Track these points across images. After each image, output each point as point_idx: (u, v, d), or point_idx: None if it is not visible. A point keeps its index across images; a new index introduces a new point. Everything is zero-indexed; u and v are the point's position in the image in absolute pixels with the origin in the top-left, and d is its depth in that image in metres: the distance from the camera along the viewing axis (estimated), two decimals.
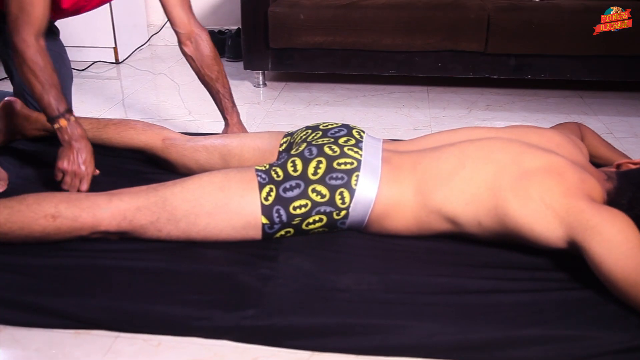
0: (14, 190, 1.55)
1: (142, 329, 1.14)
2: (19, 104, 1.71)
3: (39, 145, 1.86)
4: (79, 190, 1.46)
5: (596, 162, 1.56)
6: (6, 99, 1.71)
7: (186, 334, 1.13)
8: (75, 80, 2.78)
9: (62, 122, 1.47)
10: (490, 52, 2.52)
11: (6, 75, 1.96)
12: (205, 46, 1.75)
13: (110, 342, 1.12)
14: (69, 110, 1.49)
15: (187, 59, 1.78)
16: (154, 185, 1.31)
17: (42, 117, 1.70)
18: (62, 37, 2.96)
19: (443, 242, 1.36)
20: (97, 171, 1.52)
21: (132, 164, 1.75)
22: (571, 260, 1.25)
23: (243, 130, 1.81)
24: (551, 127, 1.60)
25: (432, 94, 2.67)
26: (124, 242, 1.32)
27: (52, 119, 1.47)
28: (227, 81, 1.80)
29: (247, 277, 1.22)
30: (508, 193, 1.23)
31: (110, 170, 1.70)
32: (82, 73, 2.94)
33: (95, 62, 3.05)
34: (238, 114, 1.82)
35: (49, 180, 1.65)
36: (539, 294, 1.19)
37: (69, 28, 2.91)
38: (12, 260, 1.25)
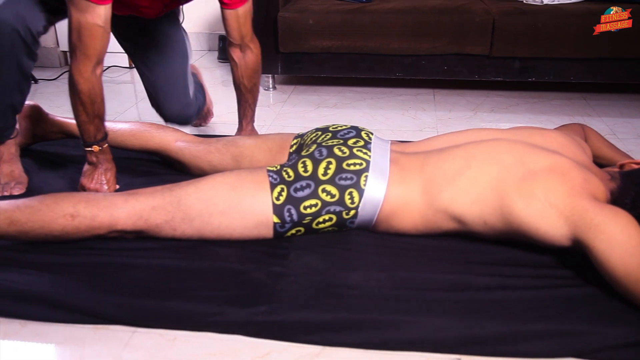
0: (34, 191, 1.60)
1: (158, 325, 1.16)
2: (37, 108, 1.74)
3: (58, 148, 1.91)
4: None
5: (600, 163, 1.58)
6: (27, 103, 1.75)
7: (200, 329, 1.16)
8: None
9: (95, 148, 1.55)
10: (495, 55, 2.54)
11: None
12: (252, 58, 1.75)
13: (128, 336, 1.14)
14: (104, 139, 1.56)
15: (230, 63, 1.77)
16: (168, 186, 1.34)
17: (58, 121, 1.74)
18: None
19: (449, 241, 1.38)
20: (117, 186, 1.60)
21: (146, 166, 1.79)
22: (575, 258, 1.27)
23: (254, 134, 1.83)
24: (555, 129, 1.62)
25: (438, 96, 2.69)
26: (140, 240, 1.34)
27: (87, 144, 1.55)
28: (258, 94, 1.83)
29: (259, 275, 1.25)
30: (513, 193, 1.25)
31: (126, 172, 1.74)
32: None
33: (109, 66, 3.09)
34: (253, 123, 1.86)
35: (67, 181, 1.69)
36: (543, 291, 1.21)
37: None
38: (34, 259, 1.28)
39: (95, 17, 1.39)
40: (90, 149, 1.55)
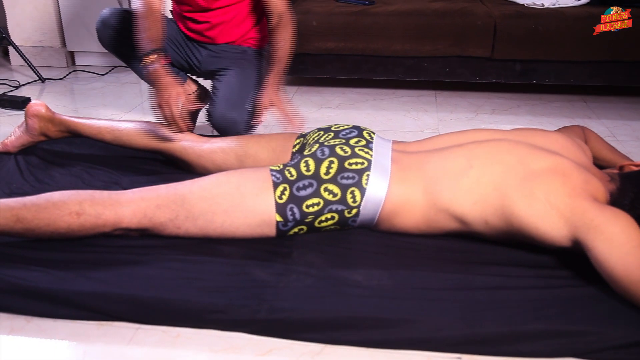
0: (40, 189, 1.60)
1: (162, 321, 1.18)
2: (43, 106, 1.76)
3: (64, 146, 1.92)
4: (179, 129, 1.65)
5: (599, 164, 1.59)
6: (32, 102, 1.77)
7: (204, 326, 1.17)
8: (96, 84, 2.87)
9: (149, 58, 1.66)
10: (497, 58, 2.56)
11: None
12: (283, 25, 1.87)
13: (132, 333, 1.16)
14: (157, 51, 1.67)
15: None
16: (173, 185, 1.35)
17: (65, 119, 1.75)
18: (83, 42, 3.03)
19: (451, 240, 1.39)
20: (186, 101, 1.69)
21: (151, 164, 1.80)
22: (575, 258, 1.28)
23: (273, 93, 1.76)
24: (556, 130, 1.63)
25: (440, 97, 2.70)
26: (144, 238, 1.35)
27: (143, 55, 1.67)
28: (285, 54, 1.85)
29: (262, 273, 1.26)
30: (514, 193, 1.26)
31: (130, 170, 1.76)
32: (104, 77, 3.01)
33: (115, 66, 3.11)
34: (278, 77, 1.82)
35: (73, 178, 1.70)
36: (543, 291, 1.22)
37: (93, 34, 2.98)
38: (40, 256, 1.29)
39: None
40: (143, 62, 1.67)
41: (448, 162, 1.34)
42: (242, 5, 1.95)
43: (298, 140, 1.56)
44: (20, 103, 2.46)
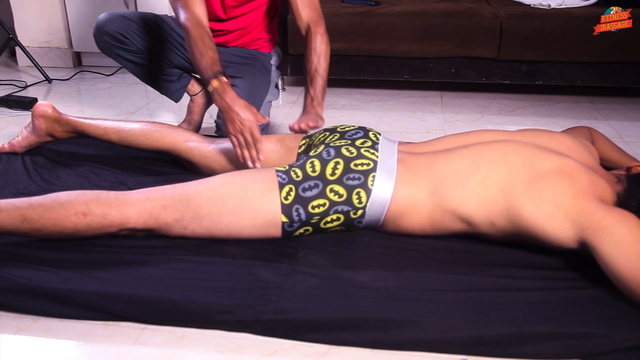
0: (47, 189, 1.61)
1: (168, 322, 1.18)
2: (50, 107, 1.76)
3: (69, 146, 1.93)
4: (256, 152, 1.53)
5: (606, 166, 1.58)
6: (38, 103, 1.77)
7: (209, 326, 1.17)
8: (102, 85, 2.88)
9: (214, 82, 1.56)
10: (503, 59, 2.55)
11: None
12: (314, 42, 1.76)
13: (138, 333, 1.16)
14: (222, 73, 1.58)
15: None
16: (178, 185, 1.35)
17: (71, 120, 1.76)
18: (89, 43, 3.04)
19: (457, 242, 1.38)
20: (266, 119, 1.59)
21: (157, 165, 1.80)
22: (581, 260, 1.27)
23: (312, 120, 1.64)
24: (562, 131, 1.62)
25: (446, 98, 2.70)
26: (150, 238, 1.36)
27: (206, 82, 1.59)
28: (319, 74, 1.75)
29: (268, 273, 1.26)
30: (521, 194, 1.26)
31: (137, 171, 1.76)
32: (110, 78, 3.02)
33: (121, 67, 3.09)
34: (317, 101, 1.73)
35: (80, 178, 1.71)
36: (550, 292, 1.21)
37: None
38: (46, 256, 1.29)
39: None
40: (211, 87, 1.56)
41: (454, 163, 1.34)
42: (259, 12, 1.94)
43: (304, 141, 1.56)
44: (27, 103, 2.47)
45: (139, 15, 1.94)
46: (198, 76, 2.14)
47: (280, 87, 2.76)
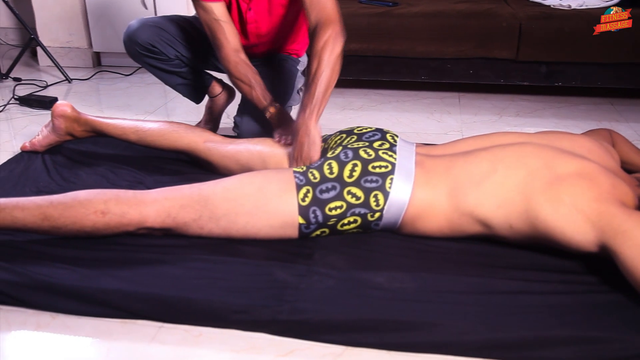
0: (66, 188, 1.63)
1: (184, 321, 1.19)
2: (69, 107, 1.78)
3: (88, 145, 1.95)
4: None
5: (627, 168, 1.56)
6: (58, 102, 1.80)
7: (225, 326, 1.17)
8: (121, 85, 2.91)
9: (271, 109, 1.72)
10: (522, 60, 2.53)
11: None
12: (316, 44, 1.60)
13: (154, 331, 1.17)
14: (273, 101, 1.74)
15: None
16: (196, 185, 1.36)
17: (90, 119, 1.78)
18: (109, 43, 3.07)
19: (474, 244, 1.38)
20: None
21: (175, 165, 1.82)
22: (601, 264, 1.26)
23: (304, 134, 1.53)
24: (582, 134, 1.61)
25: (464, 100, 2.69)
26: (167, 238, 1.37)
27: (263, 109, 1.74)
28: (319, 88, 1.57)
29: (284, 274, 1.26)
30: (540, 197, 1.25)
31: (155, 171, 1.78)
32: (129, 78, 3.05)
33: (140, 67, 3.14)
34: (310, 115, 1.55)
35: (99, 177, 1.72)
36: (568, 296, 1.20)
37: (119, 35, 3.02)
38: (66, 253, 1.31)
39: (213, 14, 1.70)
40: (269, 113, 1.73)
41: (472, 165, 1.33)
42: (288, 30, 1.93)
43: None
44: (48, 103, 2.50)
45: (165, 22, 1.94)
46: (220, 77, 2.16)
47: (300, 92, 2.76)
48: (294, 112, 2.42)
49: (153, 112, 2.53)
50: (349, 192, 1.32)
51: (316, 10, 1.64)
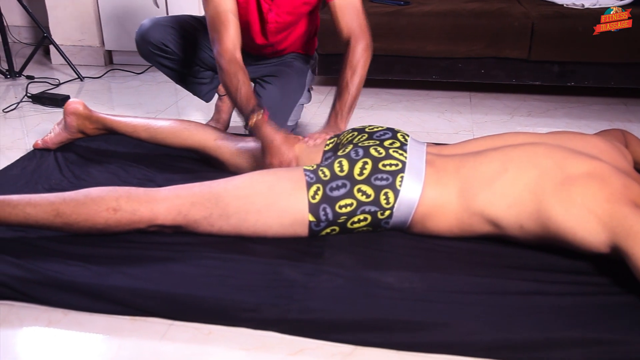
0: (78, 185, 1.65)
1: (195, 318, 1.19)
2: (81, 104, 1.80)
3: (101, 143, 1.97)
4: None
5: None
6: (70, 100, 1.81)
7: (235, 324, 1.18)
8: (132, 83, 2.92)
9: (253, 117, 1.57)
10: (534, 59, 2.52)
11: None
12: (351, 56, 1.70)
13: (165, 329, 1.17)
14: (259, 106, 1.60)
15: None
16: (207, 183, 1.36)
17: (102, 117, 1.79)
18: (121, 42, 3.09)
19: (484, 244, 1.37)
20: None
21: (185, 162, 1.83)
22: (612, 265, 1.25)
23: (336, 128, 1.67)
24: (595, 134, 1.60)
25: (475, 99, 2.68)
26: (178, 235, 1.37)
27: (245, 116, 1.59)
28: (351, 96, 1.69)
29: (294, 273, 1.26)
30: (551, 197, 1.24)
31: (165, 168, 1.78)
32: (140, 76, 3.06)
33: (151, 66, 3.13)
34: (341, 121, 1.69)
35: (110, 175, 1.74)
36: (579, 298, 1.19)
37: (130, 33, 3.04)
38: (77, 250, 1.32)
39: (225, 5, 1.65)
40: (251, 122, 1.57)
41: (483, 165, 1.33)
42: (299, 32, 1.93)
43: (331, 141, 1.56)
44: (60, 101, 2.52)
45: (177, 21, 1.96)
46: None
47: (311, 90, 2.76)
48: (305, 108, 2.43)
49: (164, 110, 2.54)
50: (359, 190, 1.32)
51: (347, 20, 1.72)
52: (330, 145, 1.54)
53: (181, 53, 1.94)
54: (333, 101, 1.73)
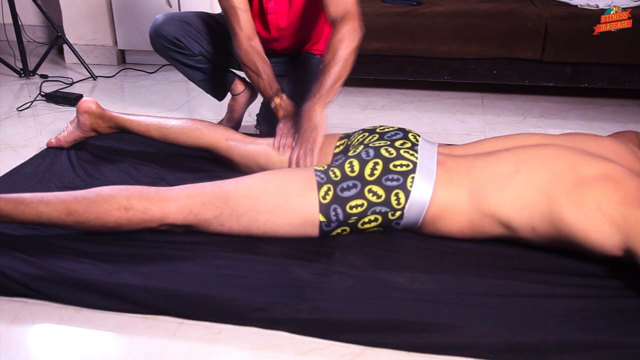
0: (90, 183, 1.66)
1: (205, 317, 1.19)
2: (94, 103, 1.81)
3: (113, 142, 1.98)
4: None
5: None
6: (83, 99, 1.82)
7: (245, 323, 1.18)
8: (145, 82, 2.94)
9: (277, 99, 1.74)
10: (547, 60, 2.50)
11: None
12: (333, 36, 1.64)
13: (175, 327, 1.18)
14: (282, 90, 1.76)
15: None
16: (218, 182, 1.36)
17: (114, 116, 1.80)
18: (133, 41, 3.10)
19: (496, 246, 1.36)
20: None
21: (197, 162, 1.83)
22: (625, 268, 1.24)
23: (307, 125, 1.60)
24: (609, 136, 1.58)
25: (487, 100, 2.66)
26: (189, 234, 1.38)
27: (269, 100, 1.76)
28: (331, 77, 1.61)
29: (304, 273, 1.26)
30: (563, 199, 1.23)
31: (177, 167, 1.79)
32: (152, 75, 3.08)
33: (164, 65, 3.17)
34: (318, 105, 1.61)
35: (122, 173, 1.75)
36: (592, 301, 1.18)
37: (143, 33, 3.06)
38: (89, 249, 1.33)
39: (230, 1, 1.72)
40: (274, 104, 1.75)
41: (495, 166, 1.32)
42: (310, 28, 1.94)
43: (342, 141, 1.56)
44: (73, 99, 2.54)
45: (192, 17, 1.97)
46: (242, 76, 2.17)
47: None
48: None
49: (176, 109, 2.56)
50: (370, 191, 1.31)
51: (334, 5, 1.68)
52: (341, 147, 1.54)
53: (196, 50, 1.95)
54: (315, 86, 1.65)
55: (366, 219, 1.33)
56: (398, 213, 1.33)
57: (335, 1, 1.67)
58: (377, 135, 1.45)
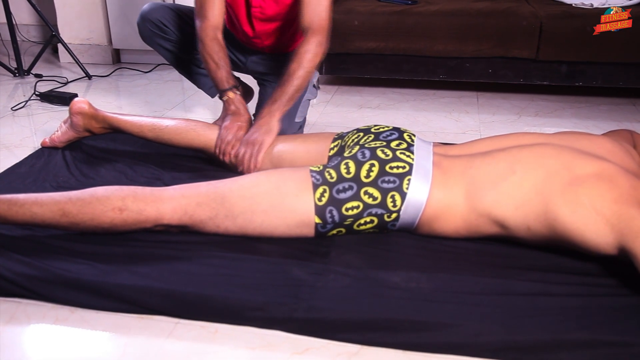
0: (85, 184, 1.65)
1: (201, 317, 1.19)
2: (86, 104, 1.80)
3: (107, 142, 1.97)
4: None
5: None
6: (76, 99, 1.82)
7: (241, 323, 1.18)
8: (140, 81, 2.93)
9: (230, 94, 1.74)
10: (542, 59, 2.51)
11: None
12: (301, 47, 1.70)
13: (171, 327, 1.17)
14: (237, 87, 1.76)
15: None
16: (213, 183, 1.36)
17: (108, 116, 1.79)
18: (128, 40, 3.09)
19: (491, 245, 1.36)
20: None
21: (192, 162, 1.83)
22: (620, 266, 1.24)
23: (261, 130, 1.64)
24: (603, 134, 1.58)
25: (482, 99, 2.67)
26: (185, 234, 1.37)
27: (222, 93, 1.75)
28: (292, 87, 1.68)
29: (300, 272, 1.26)
30: (558, 198, 1.23)
31: (172, 167, 1.79)
32: (147, 75, 3.07)
33: (158, 64, 3.17)
34: (272, 115, 1.66)
35: (117, 173, 1.74)
36: (587, 299, 1.19)
37: (137, 33, 3.05)
38: (84, 249, 1.32)
39: None
40: (226, 97, 1.74)
41: (490, 166, 1.32)
42: (293, 16, 1.91)
43: (336, 142, 1.55)
44: (68, 99, 2.52)
45: (178, 7, 2.00)
46: (238, 75, 2.17)
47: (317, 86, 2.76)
48: (312, 107, 2.43)
49: (171, 108, 2.55)
50: (365, 193, 1.31)
51: (310, 13, 1.72)
52: (335, 149, 1.53)
53: (180, 35, 1.97)
54: (274, 89, 1.72)
55: (362, 221, 1.33)
56: (394, 215, 1.33)
57: (311, 9, 1.71)
58: (373, 136, 1.45)
